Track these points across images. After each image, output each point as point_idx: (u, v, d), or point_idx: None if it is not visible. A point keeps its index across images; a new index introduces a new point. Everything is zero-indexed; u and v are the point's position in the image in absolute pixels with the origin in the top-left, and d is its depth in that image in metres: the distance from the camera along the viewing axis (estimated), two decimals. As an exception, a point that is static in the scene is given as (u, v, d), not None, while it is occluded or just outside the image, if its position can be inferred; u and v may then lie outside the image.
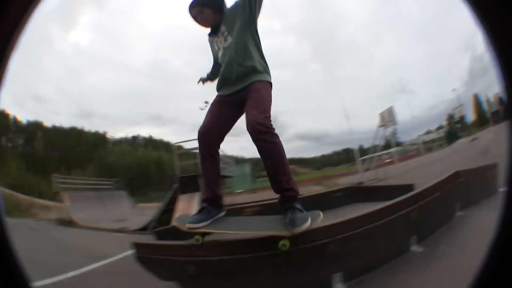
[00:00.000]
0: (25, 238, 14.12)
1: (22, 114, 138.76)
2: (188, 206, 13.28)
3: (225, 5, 3.90)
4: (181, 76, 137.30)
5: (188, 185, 14.63)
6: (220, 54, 4.02)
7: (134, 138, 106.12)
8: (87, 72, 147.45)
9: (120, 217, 19.98)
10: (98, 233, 14.56)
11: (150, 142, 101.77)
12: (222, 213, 3.89)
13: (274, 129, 3.45)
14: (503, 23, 0.97)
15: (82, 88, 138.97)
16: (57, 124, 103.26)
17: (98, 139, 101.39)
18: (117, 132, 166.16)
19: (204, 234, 3.67)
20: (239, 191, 34.80)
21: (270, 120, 3.50)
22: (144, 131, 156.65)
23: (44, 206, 47.00)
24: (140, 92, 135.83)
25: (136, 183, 48.53)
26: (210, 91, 4.18)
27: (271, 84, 3.82)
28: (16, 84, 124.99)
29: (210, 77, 4.67)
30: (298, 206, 3.33)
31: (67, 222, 20.06)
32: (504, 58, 0.99)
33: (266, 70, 3.84)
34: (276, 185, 3.56)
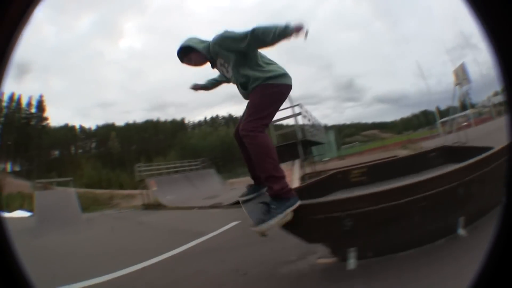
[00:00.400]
0: (110, 227, 15.34)
1: (90, 122, 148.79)
2: (289, 174, 12.69)
3: (207, 42, 4.13)
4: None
5: (287, 153, 14.47)
6: (231, 81, 4.41)
7: (214, 119, 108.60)
8: (149, 70, 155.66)
9: (211, 194, 20.08)
10: (191, 212, 14.78)
11: (231, 120, 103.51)
12: (264, 189, 4.32)
13: (256, 129, 3.74)
14: (503, 23, 0.96)
15: (148, 85, 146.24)
16: (130, 121, 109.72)
17: (176, 126, 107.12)
18: (195, 116, 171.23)
19: None
20: (327, 158, 34.21)
21: (256, 121, 3.79)
22: (223, 111, 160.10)
23: (126, 196, 49.03)
24: (210, 75, 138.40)
25: (222, 161, 48.83)
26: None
27: (271, 84, 3.94)
28: (77, 100, 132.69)
29: (209, 86, 5.04)
30: (273, 204, 3.53)
31: (155, 206, 20.88)
32: (504, 58, 1.00)
33: (264, 74, 3.96)
34: (259, 180, 4.32)
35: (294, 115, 16.13)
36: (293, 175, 12.90)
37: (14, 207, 47.60)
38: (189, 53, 4.20)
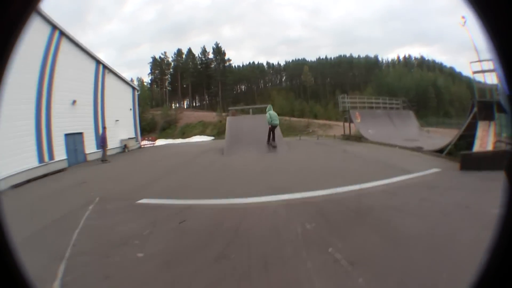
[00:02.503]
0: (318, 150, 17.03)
1: (277, 58, 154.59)
2: (485, 135, 12.23)
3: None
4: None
5: (484, 111, 13.23)
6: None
7: (406, 59, 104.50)
8: (328, 7, 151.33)
9: (411, 137, 20.06)
10: (392, 149, 15.03)
11: (424, 63, 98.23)
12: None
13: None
14: (505, 23, 0.94)
15: (332, 21, 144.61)
16: (322, 56, 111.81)
17: (370, 63, 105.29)
18: (387, 53, 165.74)
19: None
20: (504, 135, 30.50)
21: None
22: (413, 51, 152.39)
23: (322, 125, 51.27)
24: (396, 12, 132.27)
25: (417, 106, 47.02)
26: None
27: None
28: (257, 41, 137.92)
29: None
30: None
31: (355, 138, 21.54)
32: (506, 58, 0.97)
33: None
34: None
35: (488, 71, 14.76)
36: (488, 137, 12.29)
37: (194, 134, 56.27)
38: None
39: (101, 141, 21.89)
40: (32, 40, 16.95)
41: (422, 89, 74.41)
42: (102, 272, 4.91)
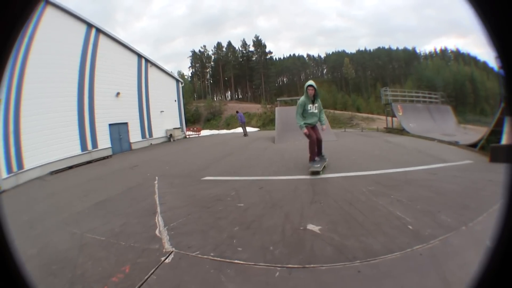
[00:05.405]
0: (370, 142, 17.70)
1: (316, 50, 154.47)
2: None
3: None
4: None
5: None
6: (309, 111, 10.08)
7: (443, 51, 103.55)
8: None
9: (448, 132, 21.07)
10: (431, 142, 15.94)
11: (460, 56, 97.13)
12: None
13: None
14: (506, 23, 0.94)
15: (367, 9, 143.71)
16: (361, 48, 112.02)
17: (409, 55, 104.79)
18: (424, 45, 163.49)
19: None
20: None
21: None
22: (449, 43, 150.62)
23: (365, 118, 52.29)
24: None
25: (454, 101, 47.39)
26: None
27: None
28: (295, 32, 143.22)
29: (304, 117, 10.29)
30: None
31: (397, 131, 22.61)
32: (505, 56, 0.99)
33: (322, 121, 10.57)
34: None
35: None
36: None
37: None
38: (315, 89, 9.96)
39: (241, 121, 30.27)
40: (67, 39, 19.63)
41: (459, 84, 74.07)
42: (208, 217, 6.16)
